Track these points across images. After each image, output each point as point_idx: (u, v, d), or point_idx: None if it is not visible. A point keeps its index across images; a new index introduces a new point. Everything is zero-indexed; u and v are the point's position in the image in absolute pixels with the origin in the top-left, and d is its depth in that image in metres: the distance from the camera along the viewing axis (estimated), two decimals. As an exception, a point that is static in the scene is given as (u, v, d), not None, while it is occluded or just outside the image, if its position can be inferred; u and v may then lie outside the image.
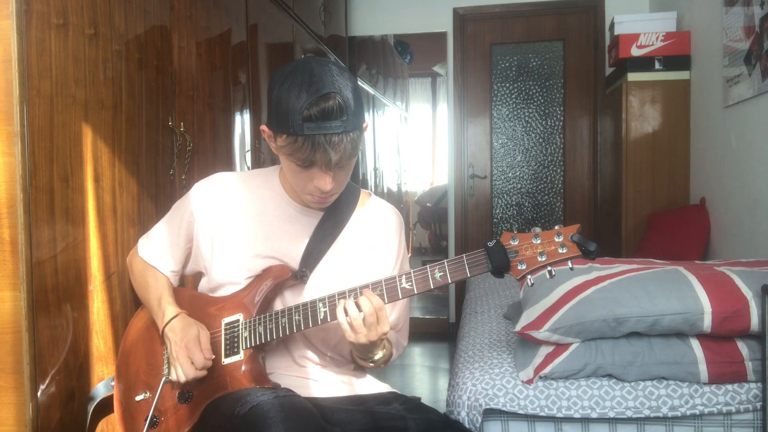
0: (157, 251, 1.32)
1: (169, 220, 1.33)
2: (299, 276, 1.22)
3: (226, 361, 1.17)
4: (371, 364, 1.21)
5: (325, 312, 1.11)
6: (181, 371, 1.16)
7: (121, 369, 1.31)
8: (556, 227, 1.02)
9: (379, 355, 1.18)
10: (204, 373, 1.17)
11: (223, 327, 1.20)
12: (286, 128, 1.06)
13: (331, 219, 1.26)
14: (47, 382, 1.22)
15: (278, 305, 1.24)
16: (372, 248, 1.28)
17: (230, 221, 1.25)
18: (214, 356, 1.18)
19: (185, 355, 1.16)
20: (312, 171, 1.10)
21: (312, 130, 1.03)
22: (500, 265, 1.02)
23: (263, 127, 1.16)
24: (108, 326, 1.42)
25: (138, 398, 1.24)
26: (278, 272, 1.21)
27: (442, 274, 1.05)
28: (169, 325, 1.21)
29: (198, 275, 1.34)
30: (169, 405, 1.20)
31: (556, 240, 1.01)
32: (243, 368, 1.15)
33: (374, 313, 1.06)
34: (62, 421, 1.26)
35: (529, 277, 1.03)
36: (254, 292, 1.20)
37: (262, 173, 1.32)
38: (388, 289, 1.07)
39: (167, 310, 1.23)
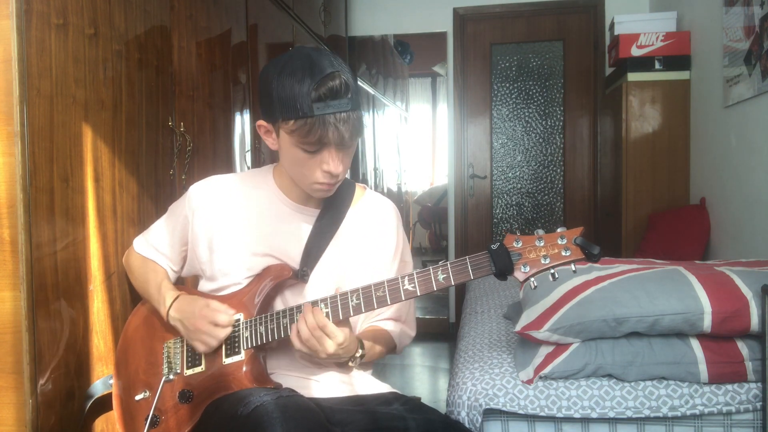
0: (154, 249, 1.34)
1: (166, 222, 1.34)
2: (300, 275, 1.22)
3: (227, 361, 1.17)
4: (352, 364, 1.19)
5: (327, 312, 1.11)
6: (208, 338, 1.15)
7: (119, 367, 1.31)
8: (559, 230, 1.02)
9: (357, 358, 1.17)
10: (230, 330, 1.16)
11: (223, 326, 1.20)
12: (294, 113, 1.06)
13: (329, 215, 1.25)
14: (47, 382, 1.22)
15: (279, 305, 1.24)
16: (370, 242, 1.28)
17: (226, 222, 1.25)
18: (235, 313, 1.18)
19: (205, 323, 1.16)
20: (321, 155, 1.11)
21: (322, 110, 1.05)
22: (503, 267, 1.02)
23: (260, 123, 1.16)
24: (108, 326, 1.42)
25: (138, 397, 1.24)
26: (278, 272, 1.21)
27: (445, 276, 1.05)
28: (172, 308, 1.22)
29: (196, 277, 1.34)
30: (170, 404, 1.20)
31: (560, 243, 1.01)
32: (244, 368, 1.15)
33: (317, 328, 1.06)
34: (62, 421, 1.26)
35: (532, 279, 1.03)
36: (254, 292, 1.20)
37: (255, 174, 1.32)
38: (390, 291, 1.07)
39: (167, 295, 1.25)
